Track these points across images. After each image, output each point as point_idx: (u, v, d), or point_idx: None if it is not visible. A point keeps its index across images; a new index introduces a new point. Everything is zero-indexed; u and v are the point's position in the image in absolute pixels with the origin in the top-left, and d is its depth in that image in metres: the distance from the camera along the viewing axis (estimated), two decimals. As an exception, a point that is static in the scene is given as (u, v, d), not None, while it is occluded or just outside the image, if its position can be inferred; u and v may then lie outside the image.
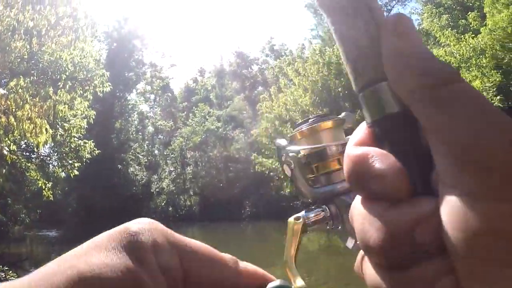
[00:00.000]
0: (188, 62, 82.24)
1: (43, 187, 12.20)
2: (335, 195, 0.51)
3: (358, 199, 0.33)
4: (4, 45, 9.60)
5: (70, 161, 13.84)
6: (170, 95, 38.38)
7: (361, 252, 0.34)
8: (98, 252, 0.35)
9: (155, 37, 56.46)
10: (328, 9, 0.33)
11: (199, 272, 0.39)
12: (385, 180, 0.30)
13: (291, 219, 0.51)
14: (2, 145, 9.30)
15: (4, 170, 10.51)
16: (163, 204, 30.40)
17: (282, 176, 21.76)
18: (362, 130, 0.33)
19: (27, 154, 15.55)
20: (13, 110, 8.70)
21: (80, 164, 13.87)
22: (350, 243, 0.51)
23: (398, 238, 0.29)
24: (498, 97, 15.01)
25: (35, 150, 14.50)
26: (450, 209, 0.28)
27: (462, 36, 16.61)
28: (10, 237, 17.85)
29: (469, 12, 17.77)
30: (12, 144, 10.26)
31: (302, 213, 0.51)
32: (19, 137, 10.04)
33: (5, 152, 9.36)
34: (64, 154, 13.90)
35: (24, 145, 15.15)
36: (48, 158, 16.01)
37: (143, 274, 0.35)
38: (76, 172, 13.54)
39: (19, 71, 10.66)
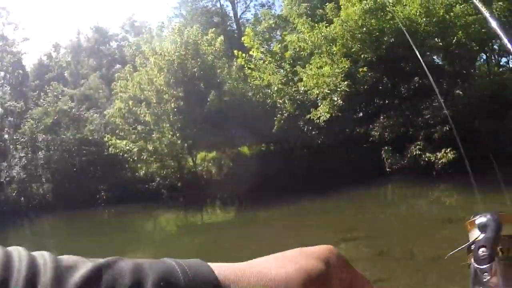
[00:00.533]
0: (43, 36, 74.67)
1: None
2: None
3: None
4: None
5: None
6: (22, 72, 34.76)
7: None
8: (305, 259, 0.49)
9: (8, 7, 50.62)
10: None
11: None
12: None
13: None
14: None
15: None
16: (14, 194, 27.40)
17: (136, 158, 20.84)
18: None
19: None
20: None
21: None
22: None
23: None
24: (345, 82, 15.71)
25: None
26: None
27: (316, 24, 17.13)
28: None
29: (327, 3, 18.42)
30: None
31: None
32: None
33: None
34: None
35: None
36: None
37: (332, 277, 0.48)
38: None
39: None
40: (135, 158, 20.72)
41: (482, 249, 0.77)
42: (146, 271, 0.39)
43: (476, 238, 0.79)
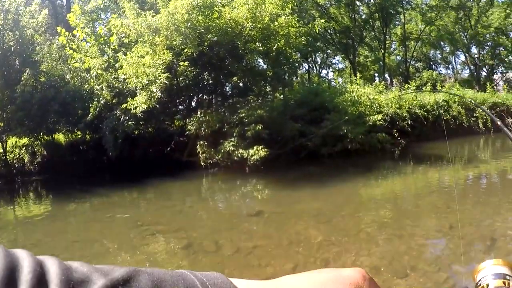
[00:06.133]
0: None
1: None
2: None
3: None
4: None
5: None
6: None
7: None
8: (337, 285, 0.49)
9: None
10: None
11: None
12: None
13: None
14: None
15: None
16: None
17: None
18: None
19: None
20: None
21: None
22: None
23: None
24: (165, 74, 15.59)
25: None
26: None
27: (143, 12, 16.79)
28: None
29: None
30: None
31: None
32: None
33: None
34: None
35: None
36: None
37: None
38: None
39: None
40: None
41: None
42: None
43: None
